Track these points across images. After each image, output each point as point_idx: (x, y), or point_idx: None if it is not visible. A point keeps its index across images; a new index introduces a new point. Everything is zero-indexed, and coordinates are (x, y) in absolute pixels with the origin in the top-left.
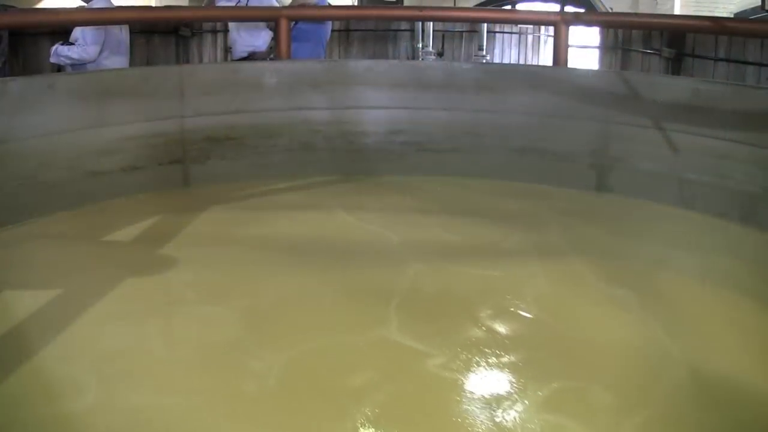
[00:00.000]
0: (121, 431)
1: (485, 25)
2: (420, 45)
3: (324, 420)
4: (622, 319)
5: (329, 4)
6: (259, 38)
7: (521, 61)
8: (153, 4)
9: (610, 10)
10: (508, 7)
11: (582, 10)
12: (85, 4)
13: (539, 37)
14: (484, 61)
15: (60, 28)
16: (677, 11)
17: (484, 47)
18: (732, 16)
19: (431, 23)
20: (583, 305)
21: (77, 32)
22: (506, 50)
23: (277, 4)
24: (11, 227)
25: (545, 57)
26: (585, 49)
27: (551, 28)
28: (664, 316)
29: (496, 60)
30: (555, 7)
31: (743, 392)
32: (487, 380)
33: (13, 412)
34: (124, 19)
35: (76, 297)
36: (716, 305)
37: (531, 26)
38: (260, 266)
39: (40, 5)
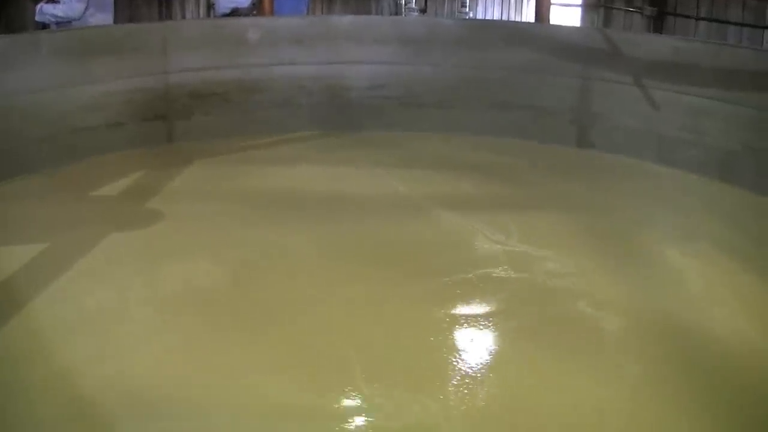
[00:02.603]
0: (109, 380)
1: None
2: (403, 1)
3: (307, 365)
4: (599, 271)
5: None
6: None
7: (504, 19)
8: None
9: None
10: None
11: None
12: None
13: None
14: (467, 18)
15: None
16: None
17: (467, 4)
18: None
19: None
20: (561, 257)
21: None
22: (489, 8)
23: None
24: None
25: (528, 16)
26: (567, 7)
27: None
28: (640, 269)
29: (479, 18)
30: None
31: (707, 339)
32: (462, 327)
33: (4, 363)
34: None
35: (63, 251)
36: (691, 259)
37: None
38: (246, 220)
39: None
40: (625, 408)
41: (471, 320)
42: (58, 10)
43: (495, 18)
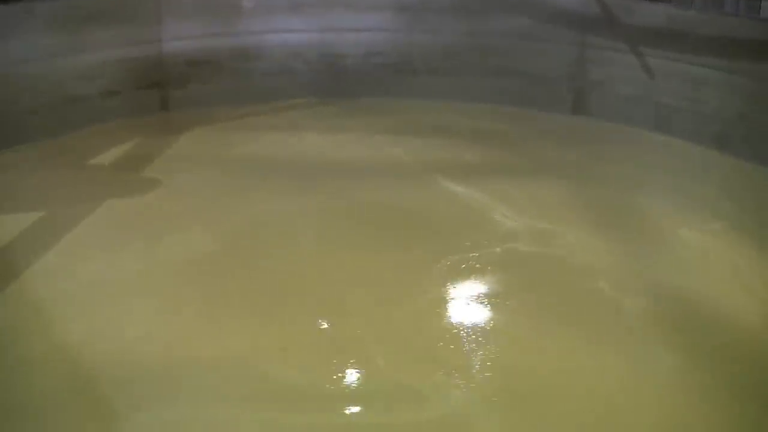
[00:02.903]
0: (105, 353)
1: None
2: None
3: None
4: (594, 238)
5: None
6: None
7: None
8: None
9: None
10: None
11: None
12: None
13: None
14: None
15: None
16: None
17: None
18: None
19: None
20: (556, 224)
21: None
22: None
23: None
24: None
25: None
26: None
27: None
28: (635, 238)
29: None
30: None
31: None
32: (466, 297)
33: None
34: None
35: (60, 222)
36: (686, 228)
37: None
38: (246, 188)
39: None
40: (661, 387)
41: (481, 298)
42: None
43: None
